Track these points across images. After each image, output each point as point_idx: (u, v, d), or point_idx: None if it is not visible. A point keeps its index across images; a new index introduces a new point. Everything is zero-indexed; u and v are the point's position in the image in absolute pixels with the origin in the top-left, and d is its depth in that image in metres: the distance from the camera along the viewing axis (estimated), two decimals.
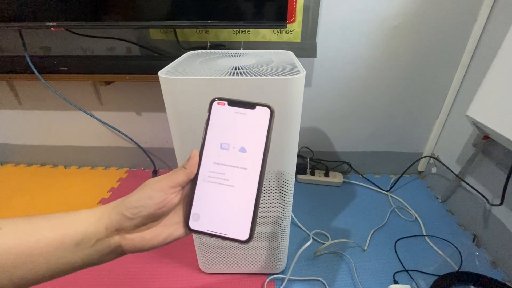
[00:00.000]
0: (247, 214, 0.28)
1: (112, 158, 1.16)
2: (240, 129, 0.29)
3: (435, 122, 1.00)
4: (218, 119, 0.30)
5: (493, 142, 0.76)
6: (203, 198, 0.29)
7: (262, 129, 0.29)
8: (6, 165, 1.19)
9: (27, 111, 1.08)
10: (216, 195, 0.29)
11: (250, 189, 0.28)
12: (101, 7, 0.70)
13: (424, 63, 0.89)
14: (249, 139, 0.29)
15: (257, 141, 0.29)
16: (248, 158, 0.29)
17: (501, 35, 0.64)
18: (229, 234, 0.28)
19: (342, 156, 1.10)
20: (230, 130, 0.29)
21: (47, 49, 0.92)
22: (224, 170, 0.29)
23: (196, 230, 0.29)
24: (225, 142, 0.29)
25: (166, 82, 0.45)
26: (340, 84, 0.94)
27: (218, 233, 0.28)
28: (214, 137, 0.30)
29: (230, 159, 0.29)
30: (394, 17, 0.82)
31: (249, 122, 0.29)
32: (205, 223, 0.29)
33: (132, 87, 1.00)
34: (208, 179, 0.29)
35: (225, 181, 0.29)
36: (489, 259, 0.76)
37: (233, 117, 0.29)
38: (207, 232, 0.29)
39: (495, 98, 0.64)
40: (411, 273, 0.72)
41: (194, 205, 0.29)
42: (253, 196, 0.28)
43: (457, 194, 0.92)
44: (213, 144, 0.30)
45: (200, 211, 0.29)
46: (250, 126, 0.29)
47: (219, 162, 0.29)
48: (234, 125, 0.29)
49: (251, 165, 0.29)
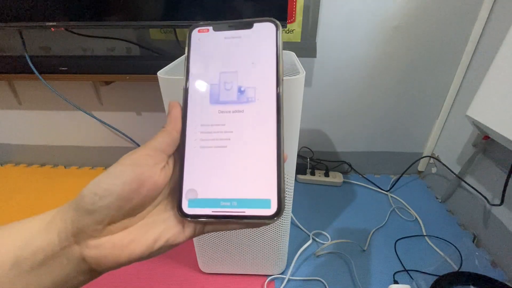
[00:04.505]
0: (268, 176, 0.20)
1: (112, 158, 1.16)
2: (236, 60, 0.22)
3: (435, 122, 1.00)
4: (203, 52, 0.22)
5: (493, 142, 0.76)
6: (199, 164, 0.21)
7: (267, 54, 0.21)
8: (6, 165, 1.19)
9: (27, 111, 1.08)
10: (218, 157, 0.21)
11: (266, 140, 0.20)
12: (101, 7, 0.70)
13: (424, 63, 0.89)
14: (251, 72, 0.21)
15: (263, 72, 0.21)
16: (255, 98, 0.21)
17: (501, 35, 0.64)
18: (247, 211, 0.19)
19: (342, 156, 1.10)
20: (221, 64, 0.22)
21: (47, 49, 0.92)
22: (222, 120, 0.21)
23: (195, 214, 0.20)
24: (218, 81, 0.22)
25: (165, 82, 0.45)
26: (340, 84, 0.94)
27: (230, 213, 0.19)
28: (200, 78, 0.22)
29: (229, 104, 0.21)
30: (394, 17, 0.82)
31: (246, 47, 0.22)
32: (207, 203, 0.20)
33: (132, 87, 1.00)
34: (201, 137, 0.21)
35: (227, 134, 0.21)
36: (489, 259, 0.75)
37: (222, 46, 0.22)
38: (212, 215, 0.20)
39: (495, 98, 0.64)
40: (411, 273, 0.72)
41: (186, 176, 0.21)
42: (273, 149, 0.20)
43: (457, 194, 0.92)
44: (200, 89, 0.22)
45: (197, 184, 0.20)
46: (249, 53, 0.21)
47: (213, 112, 0.21)
48: (226, 57, 0.22)
49: (261, 107, 0.21)
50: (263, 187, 0.19)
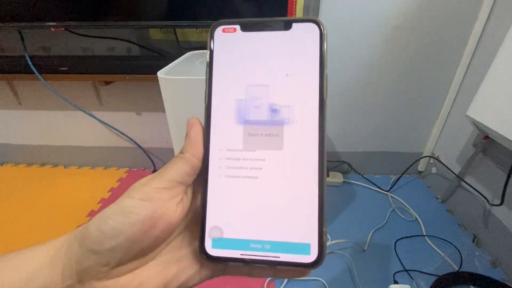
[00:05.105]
0: (308, 216, 0.17)
1: (112, 158, 1.16)
2: (269, 70, 0.18)
3: (435, 122, 1.00)
4: (229, 58, 0.18)
5: (493, 142, 0.76)
6: (225, 197, 0.18)
7: (309, 63, 0.18)
8: (6, 165, 1.19)
9: (27, 111, 1.08)
10: (247, 190, 0.17)
11: (305, 172, 0.17)
12: (101, 7, 0.70)
13: (424, 63, 0.89)
14: (288, 85, 0.18)
15: (303, 86, 0.17)
16: (293, 119, 0.17)
17: (501, 35, 0.64)
18: (282, 256, 0.17)
19: (342, 156, 1.10)
20: (251, 74, 0.18)
21: (47, 49, 0.92)
22: (252, 145, 0.17)
23: (220, 257, 0.17)
24: (247, 96, 0.18)
25: (165, 82, 0.45)
26: (340, 84, 0.94)
27: (262, 257, 0.16)
28: (226, 91, 0.18)
29: (260, 126, 0.17)
30: (394, 17, 0.82)
31: (283, 54, 0.18)
32: (235, 244, 0.17)
33: (132, 87, 1.00)
34: (227, 164, 0.18)
35: (258, 163, 0.17)
36: (489, 259, 0.75)
37: (252, 51, 0.18)
38: (240, 258, 0.17)
39: (495, 98, 0.64)
40: (411, 273, 0.72)
41: (209, 211, 0.17)
42: (314, 184, 0.17)
43: (457, 194, 0.92)
44: (225, 105, 0.18)
45: (222, 221, 0.17)
46: (286, 61, 0.17)
47: (240, 134, 0.18)
48: (257, 65, 0.18)
49: (300, 131, 0.17)
50: (302, 229, 0.16)
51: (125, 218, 0.15)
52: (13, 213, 0.93)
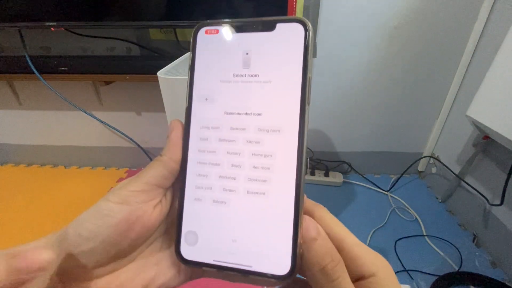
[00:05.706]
0: (284, 226, 0.16)
1: (112, 158, 1.16)
2: (251, 74, 0.17)
3: (435, 122, 1.00)
4: (210, 60, 0.18)
5: (493, 142, 0.76)
6: (201, 204, 0.18)
7: (291, 66, 0.17)
8: (6, 165, 1.19)
9: (27, 111, 1.08)
10: (224, 196, 0.17)
11: (283, 180, 0.17)
12: (101, 7, 0.70)
13: (424, 63, 0.89)
14: (269, 90, 0.17)
15: (285, 91, 0.17)
16: (273, 125, 0.17)
17: (501, 35, 0.64)
18: (254, 266, 0.16)
19: (342, 156, 1.10)
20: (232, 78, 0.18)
21: (47, 49, 0.92)
22: (231, 150, 0.17)
23: (194, 261, 0.17)
24: (226, 101, 0.18)
25: (165, 82, 0.45)
26: (340, 84, 0.94)
27: (234, 265, 0.16)
28: (205, 94, 0.18)
29: (242, 131, 0.17)
30: (394, 17, 0.82)
31: (265, 56, 0.17)
32: (209, 249, 0.17)
33: (132, 87, 1.00)
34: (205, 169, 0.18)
35: (236, 170, 0.17)
36: (489, 259, 0.76)
37: (234, 53, 0.18)
38: (213, 264, 0.17)
39: (495, 98, 0.64)
40: (411, 273, 0.72)
41: (185, 215, 0.17)
42: (291, 192, 0.17)
43: (457, 194, 0.92)
44: (205, 108, 0.18)
45: (198, 226, 0.17)
46: (267, 64, 0.17)
47: (223, 138, 0.17)
48: (239, 68, 0.18)
49: (279, 137, 0.17)
50: (276, 240, 0.16)
51: (102, 221, 0.16)
52: (13, 213, 0.93)
